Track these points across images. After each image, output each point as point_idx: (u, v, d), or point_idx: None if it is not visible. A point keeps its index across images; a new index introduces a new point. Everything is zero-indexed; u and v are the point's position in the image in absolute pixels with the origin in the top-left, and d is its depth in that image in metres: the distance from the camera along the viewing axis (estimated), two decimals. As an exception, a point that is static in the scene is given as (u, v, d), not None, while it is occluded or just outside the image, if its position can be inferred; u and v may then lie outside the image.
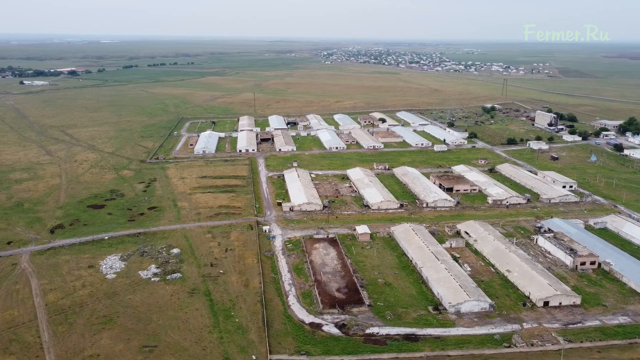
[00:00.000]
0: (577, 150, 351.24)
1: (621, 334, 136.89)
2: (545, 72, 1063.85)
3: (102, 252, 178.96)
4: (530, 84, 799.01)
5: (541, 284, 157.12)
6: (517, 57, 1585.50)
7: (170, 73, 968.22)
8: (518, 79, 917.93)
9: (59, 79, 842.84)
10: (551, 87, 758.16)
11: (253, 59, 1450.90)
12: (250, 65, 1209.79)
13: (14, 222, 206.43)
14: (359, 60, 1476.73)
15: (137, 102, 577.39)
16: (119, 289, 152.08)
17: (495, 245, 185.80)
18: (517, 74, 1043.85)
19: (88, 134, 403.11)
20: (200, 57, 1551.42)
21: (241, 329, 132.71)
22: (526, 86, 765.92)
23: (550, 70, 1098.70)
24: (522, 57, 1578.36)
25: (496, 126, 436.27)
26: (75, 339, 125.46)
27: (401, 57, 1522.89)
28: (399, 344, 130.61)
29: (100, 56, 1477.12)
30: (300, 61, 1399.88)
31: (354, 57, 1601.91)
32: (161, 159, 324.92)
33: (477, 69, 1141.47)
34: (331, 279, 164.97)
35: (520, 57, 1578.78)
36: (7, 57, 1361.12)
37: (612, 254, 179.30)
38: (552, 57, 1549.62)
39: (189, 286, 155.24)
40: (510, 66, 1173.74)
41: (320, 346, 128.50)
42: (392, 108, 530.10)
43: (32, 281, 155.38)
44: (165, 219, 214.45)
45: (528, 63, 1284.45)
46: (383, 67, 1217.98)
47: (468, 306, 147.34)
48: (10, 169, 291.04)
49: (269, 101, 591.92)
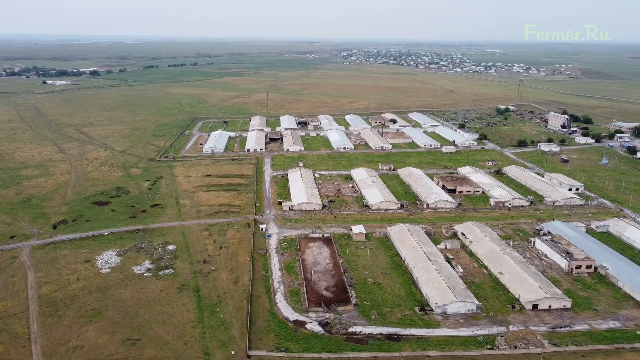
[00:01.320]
0: (588, 153, 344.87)
1: (609, 338, 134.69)
2: (567, 74, 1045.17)
3: (100, 248, 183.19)
4: (550, 85, 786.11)
5: (532, 286, 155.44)
6: (540, 58, 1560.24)
7: (189, 73, 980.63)
8: (538, 80, 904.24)
9: (80, 78, 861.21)
10: (571, 88, 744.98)
11: (272, 60, 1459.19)
12: (269, 65, 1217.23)
13: (20, 217, 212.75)
14: (378, 61, 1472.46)
15: (154, 102, 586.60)
16: (112, 283, 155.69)
17: (490, 247, 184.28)
18: (538, 75, 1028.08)
19: (102, 132, 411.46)
20: (220, 57, 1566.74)
21: (224, 325, 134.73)
22: (545, 87, 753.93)
23: (573, 72, 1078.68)
24: (545, 58, 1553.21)
25: (508, 128, 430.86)
26: (62, 330, 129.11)
27: (421, 58, 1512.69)
28: (380, 344, 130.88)
29: (123, 56, 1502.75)
30: (319, 62, 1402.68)
31: (373, 57, 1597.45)
32: (170, 158, 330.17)
33: (497, 70, 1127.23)
34: (321, 277, 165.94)
35: (543, 58, 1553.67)
36: (33, 57, 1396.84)
37: (610, 258, 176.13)
38: (576, 58, 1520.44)
39: (179, 282, 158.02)
40: (532, 67, 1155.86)
41: (301, 343, 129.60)
42: (405, 109, 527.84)
43: (29, 274, 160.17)
44: (166, 216, 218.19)
45: (550, 64, 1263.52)
46: (401, 68, 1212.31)
47: (454, 307, 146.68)
48: (23, 165, 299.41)
49: (282, 101, 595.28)
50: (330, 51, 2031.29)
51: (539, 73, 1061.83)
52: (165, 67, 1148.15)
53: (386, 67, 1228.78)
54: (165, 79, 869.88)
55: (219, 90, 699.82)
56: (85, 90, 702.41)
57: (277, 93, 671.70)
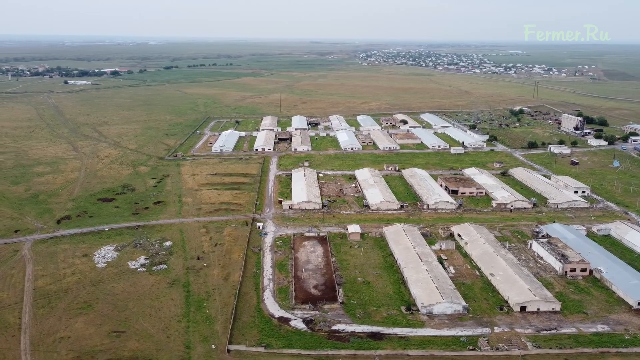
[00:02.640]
0: (600, 155, 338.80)
1: (596, 342, 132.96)
2: (589, 75, 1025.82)
3: (100, 243, 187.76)
4: (570, 87, 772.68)
5: (521, 288, 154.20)
6: (563, 59, 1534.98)
7: (207, 74, 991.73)
8: (558, 81, 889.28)
9: (101, 78, 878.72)
10: (591, 90, 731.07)
11: (291, 60, 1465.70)
12: (287, 66, 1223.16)
13: (26, 212, 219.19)
14: (397, 61, 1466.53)
15: (170, 102, 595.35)
16: (105, 277, 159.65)
17: (485, 248, 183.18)
18: (559, 76, 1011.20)
19: (116, 131, 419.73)
20: (240, 58, 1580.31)
21: (209, 320, 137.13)
22: (564, 89, 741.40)
23: (595, 73, 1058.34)
24: (568, 59, 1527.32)
25: (520, 129, 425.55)
26: (52, 321, 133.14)
27: (440, 59, 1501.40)
28: (362, 342, 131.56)
29: (145, 57, 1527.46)
30: (337, 62, 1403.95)
31: (392, 58, 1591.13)
32: (179, 156, 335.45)
33: (516, 71, 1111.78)
34: (311, 275, 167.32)
35: (567, 59, 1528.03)
36: (58, 57, 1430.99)
37: (606, 262, 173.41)
38: (601, 59, 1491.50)
39: (171, 277, 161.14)
40: (553, 68, 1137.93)
41: (283, 340, 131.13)
42: (417, 110, 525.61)
43: (27, 267, 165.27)
44: (167, 213, 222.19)
45: (573, 65, 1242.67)
46: (419, 69, 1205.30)
47: (441, 308, 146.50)
48: (35, 162, 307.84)
49: (296, 102, 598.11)
50: (349, 52, 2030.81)
51: (560, 74, 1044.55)
52: (185, 67, 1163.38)
53: (404, 68, 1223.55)
54: (183, 79, 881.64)
55: (235, 91, 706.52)
56: (105, 90, 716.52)
57: (291, 93, 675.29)
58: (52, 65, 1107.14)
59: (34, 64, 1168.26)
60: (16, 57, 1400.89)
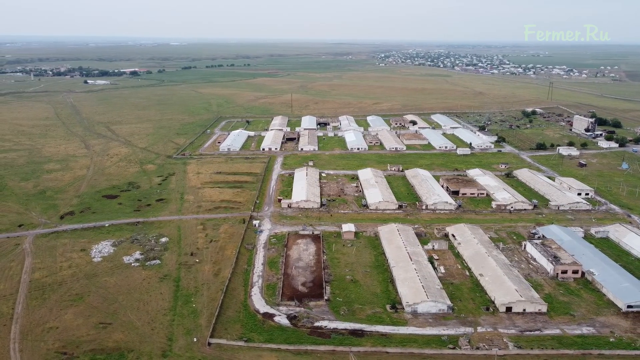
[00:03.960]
0: (610, 157, 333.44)
1: (579, 344, 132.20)
2: (610, 76, 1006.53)
3: (99, 238, 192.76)
4: (588, 88, 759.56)
5: (508, 289, 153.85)
6: (585, 60, 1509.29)
7: (224, 74, 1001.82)
8: (578, 82, 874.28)
9: (120, 78, 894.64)
10: (610, 91, 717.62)
11: (309, 61, 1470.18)
12: (304, 67, 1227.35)
13: (32, 208, 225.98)
14: (415, 62, 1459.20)
15: (184, 101, 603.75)
16: (100, 271, 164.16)
17: (477, 249, 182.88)
18: (579, 77, 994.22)
19: (129, 130, 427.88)
20: (259, 59, 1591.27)
21: (194, 314, 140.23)
22: (582, 90, 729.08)
23: (617, 74, 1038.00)
24: (590, 60, 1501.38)
25: (531, 131, 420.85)
26: (43, 312, 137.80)
27: (459, 60, 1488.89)
28: (343, 338, 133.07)
29: (165, 57, 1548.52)
30: (354, 63, 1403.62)
31: (410, 59, 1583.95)
32: (187, 155, 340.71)
33: (536, 72, 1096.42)
34: (300, 273, 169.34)
35: (589, 60, 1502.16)
36: (81, 58, 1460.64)
37: (600, 264, 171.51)
38: (625, 60, 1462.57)
39: (163, 272, 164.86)
40: (573, 69, 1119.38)
41: (264, 334, 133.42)
42: (428, 110, 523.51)
43: (26, 260, 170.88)
44: (167, 211, 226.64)
45: (595, 66, 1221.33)
46: (436, 70, 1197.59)
47: (425, 307, 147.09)
48: (47, 160, 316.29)
49: (308, 102, 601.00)
50: (368, 53, 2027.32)
51: (580, 75, 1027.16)
52: (203, 68, 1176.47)
53: (421, 69, 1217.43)
54: (200, 79, 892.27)
55: (249, 91, 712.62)
56: (122, 89, 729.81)
57: (305, 94, 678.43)
58: (74, 65, 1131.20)
59: (57, 64, 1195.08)
60: (40, 57, 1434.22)
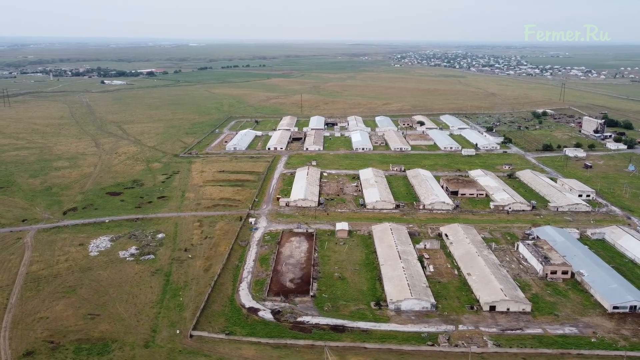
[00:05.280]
0: (617, 159, 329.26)
1: (559, 343, 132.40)
2: (630, 77, 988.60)
3: (98, 233, 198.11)
4: (605, 89, 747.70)
5: (494, 288, 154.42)
6: (606, 61, 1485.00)
7: (239, 74, 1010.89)
8: (595, 83, 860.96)
9: (137, 79, 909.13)
10: (628, 92, 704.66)
11: (324, 62, 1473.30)
12: (319, 67, 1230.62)
13: (37, 203, 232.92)
14: (431, 63, 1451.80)
15: (197, 101, 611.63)
16: (95, 265, 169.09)
17: (468, 248, 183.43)
18: (597, 78, 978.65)
19: (140, 129, 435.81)
20: (275, 59, 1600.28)
21: (180, 307, 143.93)
22: (598, 91, 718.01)
23: (637, 75, 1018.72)
24: (611, 61, 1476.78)
25: (539, 132, 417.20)
26: (35, 303, 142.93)
27: (476, 61, 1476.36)
28: (323, 333, 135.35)
29: (183, 58, 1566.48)
30: (370, 64, 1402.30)
31: (426, 60, 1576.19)
32: (193, 154, 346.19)
33: (553, 73, 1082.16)
34: (290, 269, 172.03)
35: (610, 61, 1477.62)
36: (101, 59, 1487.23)
37: (591, 265, 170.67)
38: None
39: (155, 267, 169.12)
40: (592, 70, 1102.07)
41: (247, 328, 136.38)
42: (437, 111, 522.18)
43: (26, 253, 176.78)
44: (167, 208, 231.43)
45: (615, 67, 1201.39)
46: (451, 71, 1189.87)
47: (409, 304, 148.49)
48: (56, 157, 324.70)
49: (318, 102, 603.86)
50: (385, 54, 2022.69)
51: (598, 76, 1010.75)
52: (219, 68, 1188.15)
53: (435, 70, 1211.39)
54: (215, 79, 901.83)
55: (262, 91, 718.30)
56: (138, 90, 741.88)
57: (316, 94, 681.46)
58: (93, 65, 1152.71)
59: (77, 64, 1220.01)
60: (62, 58, 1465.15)
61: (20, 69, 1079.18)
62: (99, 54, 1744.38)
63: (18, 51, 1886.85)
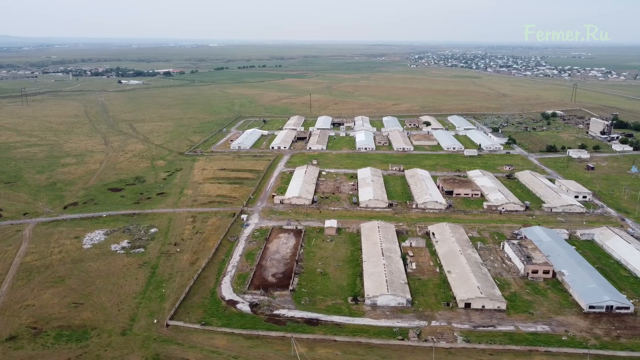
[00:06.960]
0: (621, 161, 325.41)
1: (529, 340, 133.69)
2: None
3: (94, 227, 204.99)
4: (622, 90, 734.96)
5: (471, 286, 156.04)
6: (629, 62, 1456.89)
7: (254, 75, 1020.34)
8: (613, 84, 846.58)
9: (153, 79, 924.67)
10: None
11: (340, 63, 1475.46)
12: (335, 68, 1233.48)
13: (39, 198, 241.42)
14: (448, 64, 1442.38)
15: (209, 101, 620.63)
16: (86, 257, 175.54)
17: (452, 247, 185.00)
18: (617, 79, 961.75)
19: (150, 128, 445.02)
20: (292, 60, 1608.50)
21: (161, 298, 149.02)
22: (615, 92, 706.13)
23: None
24: (634, 62, 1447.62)
25: (546, 133, 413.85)
26: (24, 292, 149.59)
27: (494, 61, 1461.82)
28: (297, 326, 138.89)
29: (201, 59, 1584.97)
30: (386, 65, 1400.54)
31: (443, 60, 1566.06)
32: (198, 152, 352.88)
33: (571, 74, 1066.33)
34: (274, 264, 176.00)
35: (632, 62, 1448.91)
36: (122, 59, 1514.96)
37: (574, 266, 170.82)
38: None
39: (143, 260, 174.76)
40: (612, 71, 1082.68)
41: (223, 319, 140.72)
42: (446, 112, 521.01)
43: (22, 245, 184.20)
44: (164, 204, 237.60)
45: (637, 68, 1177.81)
46: (467, 71, 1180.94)
47: (384, 300, 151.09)
48: (65, 154, 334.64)
49: (329, 102, 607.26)
50: (403, 54, 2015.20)
51: (618, 77, 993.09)
52: (235, 68, 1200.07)
53: (451, 70, 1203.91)
54: (230, 79, 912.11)
55: (275, 91, 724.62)
56: (153, 89, 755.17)
57: (328, 94, 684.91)
58: (114, 65, 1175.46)
59: (98, 64, 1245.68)
60: (83, 58, 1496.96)
61: (42, 69, 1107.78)
62: (120, 54, 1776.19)
63: (42, 51, 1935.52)
